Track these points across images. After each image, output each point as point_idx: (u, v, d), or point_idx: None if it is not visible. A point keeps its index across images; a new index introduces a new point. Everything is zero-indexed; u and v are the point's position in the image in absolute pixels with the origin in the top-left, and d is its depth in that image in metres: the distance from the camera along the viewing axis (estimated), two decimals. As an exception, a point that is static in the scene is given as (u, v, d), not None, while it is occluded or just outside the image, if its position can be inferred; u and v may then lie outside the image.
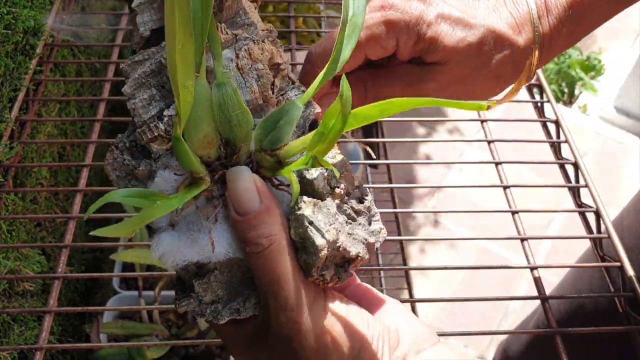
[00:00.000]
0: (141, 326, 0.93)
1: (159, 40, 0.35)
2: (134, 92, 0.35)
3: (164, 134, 0.34)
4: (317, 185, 0.35)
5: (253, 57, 0.35)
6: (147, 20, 0.35)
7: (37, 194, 0.79)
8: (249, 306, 0.35)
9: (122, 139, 0.37)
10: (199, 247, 0.34)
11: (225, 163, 0.34)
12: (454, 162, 0.72)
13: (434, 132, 2.11)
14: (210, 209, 0.34)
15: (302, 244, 0.34)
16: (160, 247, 0.34)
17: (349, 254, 0.34)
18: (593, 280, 0.79)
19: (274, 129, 0.34)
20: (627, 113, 2.25)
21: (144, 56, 0.35)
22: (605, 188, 1.97)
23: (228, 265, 0.35)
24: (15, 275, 0.68)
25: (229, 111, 0.33)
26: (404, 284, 1.20)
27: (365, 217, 0.37)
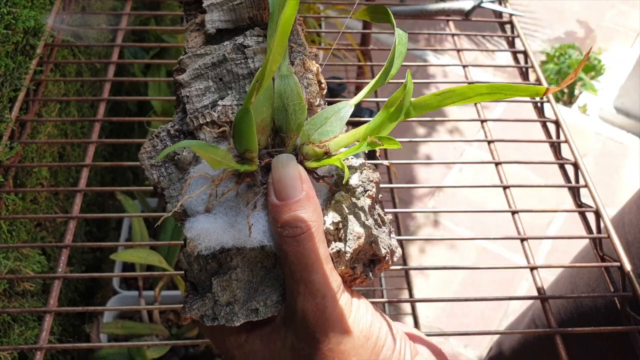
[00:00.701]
0: (141, 326, 0.93)
1: (221, 39, 0.38)
2: (191, 81, 0.37)
3: (216, 120, 0.36)
4: (354, 184, 0.36)
5: (305, 67, 0.38)
6: (215, 19, 0.38)
7: (37, 194, 0.79)
8: (271, 304, 0.35)
9: (165, 129, 0.38)
10: (235, 232, 0.34)
11: (272, 152, 0.36)
12: (454, 162, 0.72)
13: (434, 132, 2.11)
14: (250, 195, 0.35)
15: (337, 234, 0.34)
16: (196, 227, 0.34)
17: (379, 252, 0.35)
18: (591, 276, 0.79)
19: (325, 124, 0.36)
20: (627, 113, 2.25)
21: (206, 51, 0.38)
22: (605, 188, 1.97)
23: (251, 263, 0.35)
24: (15, 275, 0.68)
25: (288, 100, 0.35)
26: (404, 284, 1.20)
27: (387, 229, 0.38)
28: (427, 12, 0.88)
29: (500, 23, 0.92)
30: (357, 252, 0.35)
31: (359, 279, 0.36)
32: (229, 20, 0.38)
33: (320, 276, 0.33)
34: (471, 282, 1.71)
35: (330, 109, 0.37)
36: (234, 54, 0.37)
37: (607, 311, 0.73)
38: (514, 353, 1.03)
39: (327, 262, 0.34)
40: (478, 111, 0.77)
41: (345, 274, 0.35)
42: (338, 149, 0.36)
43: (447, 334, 0.62)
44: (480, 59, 2.36)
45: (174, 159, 0.37)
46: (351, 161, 0.38)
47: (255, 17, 0.38)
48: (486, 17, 0.93)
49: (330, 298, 0.33)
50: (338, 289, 0.34)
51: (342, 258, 0.34)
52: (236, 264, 0.35)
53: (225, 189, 0.35)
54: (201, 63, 0.37)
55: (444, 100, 0.33)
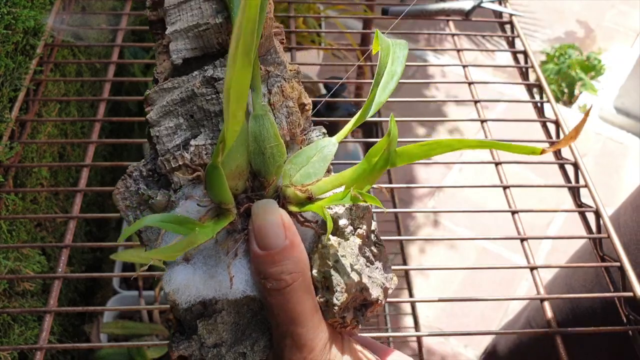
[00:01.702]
0: (141, 326, 0.93)
1: (189, 70, 0.35)
2: (160, 119, 0.34)
3: (189, 163, 0.34)
4: (342, 224, 0.34)
5: (285, 94, 0.35)
6: (180, 48, 0.35)
7: (37, 194, 0.79)
8: (258, 350, 0.33)
9: (137, 168, 0.35)
10: (216, 283, 0.32)
11: (251, 196, 0.33)
12: (454, 162, 0.72)
13: (434, 132, 2.11)
14: (230, 243, 0.33)
15: (324, 283, 0.33)
16: (175, 280, 0.32)
17: (370, 297, 0.34)
18: (587, 276, 0.79)
19: (307, 164, 0.34)
20: (627, 113, 2.25)
21: (174, 84, 0.35)
22: (605, 188, 1.97)
23: (237, 306, 0.34)
24: (15, 275, 0.68)
25: (264, 143, 0.33)
26: (404, 284, 1.20)
27: (381, 263, 0.36)
28: (427, 12, 0.88)
29: (500, 23, 0.92)
30: (345, 303, 0.33)
31: (350, 326, 0.34)
32: (196, 47, 0.35)
33: (307, 330, 0.31)
34: (471, 282, 1.71)
35: (313, 147, 0.34)
36: (203, 89, 0.34)
37: (604, 312, 0.73)
38: (509, 353, 1.03)
39: (314, 314, 0.32)
40: (478, 111, 0.77)
41: (334, 323, 0.34)
42: (321, 194, 0.33)
43: (447, 334, 0.62)
44: (480, 59, 2.36)
45: (149, 203, 0.35)
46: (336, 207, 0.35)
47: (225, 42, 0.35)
48: (486, 17, 0.93)
49: (318, 352, 0.32)
50: (326, 342, 0.32)
51: (330, 309, 0.33)
52: (221, 307, 0.33)
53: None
54: (169, 99, 0.34)
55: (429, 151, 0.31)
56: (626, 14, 2.73)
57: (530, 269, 0.62)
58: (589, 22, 2.70)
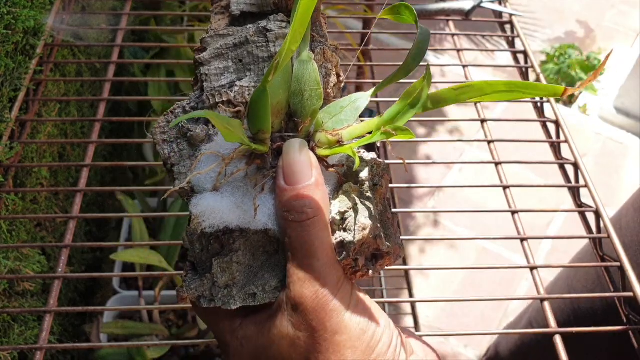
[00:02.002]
0: (141, 326, 0.93)
1: (244, 23, 0.38)
2: (211, 59, 0.38)
3: (232, 99, 0.36)
4: (363, 177, 0.36)
5: (326, 57, 0.38)
6: (241, 2, 0.39)
7: (37, 194, 0.79)
8: (269, 290, 0.35)
9: (180, 105, 0.38)
10: (241, 212, 0.34)
11: (284, 136, 0.35)
12: (454, 162, 0.72)
13: (434, 132, 2.11)
14: (259, 177, 0.35)
15: (341, 224, 0.34)
16: (201, 204, 0.34)
17: (383, 246, 0.35)
18: (588, 278, 0.79)
19: (340, 112, 0.36)
20: (627, 113, 2.25)
21: (228, 32, 0.38)
22: (605, 188, 1.97)
23: (253, 247, 0.35)
24: (15, 275, 0.68)
25: (305, 85, 0.35)
26: (404, 284, 1.20)
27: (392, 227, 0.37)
28: (427, 12, 0.88)
29: (500, 23, 0.92)
30: (361, 243, 0.34)
31: (360, 272, 0.35)
32: (254, 4, 0.39)
33: (322, 264, 0.33)
34: (471, 282, 1.71)
35: (347, 99, 0.37)
36: (256, 37, 0.37)
37: (604, 313, 0.73)
38: (511, 355, 1.03)
39: (330, 250, 0.33)
40: (478, 111, 0.77)
41: (347, 266, 0.35)
42: (351, 139, 0.36)
43: (447, 334, 0.62)
44: (480, 59, 2.36)
45: (187, 136, 0.37)
46: (362, 154, 0.38)
47: (280, 3, 0.39)
48: (486, 17, 0.93)
49: (330, 287, 0.33)
50: (339, 279, 0.34)
51: (345, 248, 0.34)
52: (238, 247, 0.35)
53: (234, 169, 0.35)
54: (223, 43, 0.38)
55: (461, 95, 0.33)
56: (626, 14, 2.73)
57: (530, 269, 0.62)
58: (589, 22, 2.70)
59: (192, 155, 0.37)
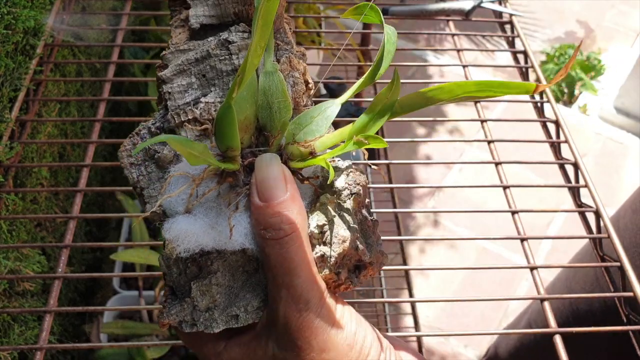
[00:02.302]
0: (141, 326, 0.93)
1: (205, 35, 0.37)
2: (173, 77, 0.36)
3: (198, 117, 0.35)
4: (340, 186, 0.35)
5: (292, 65, 0.37)
6: (199, 14, 0.37)
7: (37, 194, 0.79)
8: (251, 311, 0.34)
9: (146, 126, 0.37)
10: (216, 233, 0.33)
11: (255, 151, 0.35)
12: (454, 162, 0.72)
13: (434, 132, 2.11)
14: (232, 196, 0.34)
15: (321, 238, 0.33)
16: (175, 228, 0.33)
17: (365, 257, 0.34)
18: (586, 279, 0.79)
19: (310, 123, 0.35)
20: (627, 113, 2.25)
21: (189, 46, 0.37)
22: (605, 188, 1.97)
23: (232, 268, 0.34)
24: (15, 275, 0.68)
25: (272, 97, 0.34)
26: (404, 284, 1.20)
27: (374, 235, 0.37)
28: (427, 12, 0.88)
29: (500, 23, 0.92)
30: (341, 256, 0.33)
31: (344, 285, 0.34)
32: (214, 15, 0.37)
33: (303, 281, 0.32)
34: (471, 282, 1.71)
35: (317, 108, 0.36)
36: (217, 50, 0.36)
37: (603, 314, 0.73)
38: (510, 356, 1.03)
39: (310, 267, 0.32)
40: (478, 111, 0.77)
41: (329, 279, 0.34)
42: (324, 149, 0.35)
43: (447, 334, 0.62)
44: (480, 59, 2.36)
45: (154, 157, 0.36)
46: (337, 163, 0.37)
47: (241, 12, 0.37)
48: (486, 17, 0.93)
49: (314, 304, 0.32)
50: (322, 294, 0.33)
51: (326, 262, 0.33)
52: (217, 268, 0.34)
53: (206, 188, 0.33)
54: (184, 59, 0.37)
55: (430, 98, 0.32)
56: (626, 14, 2.73)
57: (530, 269, 0.62)
58: (589, 22, 2.70)
59: (162, 178, 0.36)
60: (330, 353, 0.32)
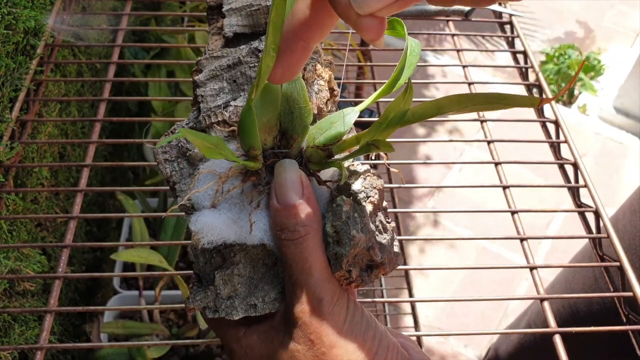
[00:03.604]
0: (142, 326, 0.93)
1: (237, 44, 0.40)
2: (207, 81, 0.39)
3: (227, 119, 0.38)
4: (356, 189, 0.37)
5: (317, 73, 0.40)
6: (233, 23, 0.40)
7: (37, 194, 0.79)
8: (268, 301, 0.36)
9: (180, 125, 0.39)
10: (238, 228, 0.35)
11: (277, 153, 0.37)
12: (454, 162, 0.72)
13: (433, 132, 2.11)
14: (255, 194, 0.36)
15: (336, 237, 0.35)
16: (200, 221, 0.35)
17: (376, 257, 0.36)
18: (586, 281, 0.79)
19: (330, 128, 0.37)
20: (626, 113, 2.25)
21: (223, 53, 0.40)
22: (604, 188, 1.97)
23: (253, 260, 0.36)
24: (16, 275, 0.68)
25: (294, 103, 0.36)
26: (404, 284, 1.20)
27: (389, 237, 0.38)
28: (427, 12, 0.88)
29: (499, 23, 0.92)
30: (353, 255, 0.35)
31: (355, 282, 0.36)
32: (247, 25, 0.40)
33: (317, 280, 0.34)
34: (471, 282, 1.71)
35: (337, 114, 0.38)
36: (248, 57, 0.39)
37: (602, 315, 0.73)
38: (510, 358, 1.03)
39: (324, 266, 0.34)
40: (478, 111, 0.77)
41: (341, 277, 0.36)
42: (340, 153, 0.37)
43: (447, 334, 0.62)
44: (480, 59, 2.36)
45: (186, 155, 0.38)
46: (356, 167, 0.39)
47: None
48: (486, 17, 0.93)
49: (326, 302, 0.34)
50: (334, 293, 0.35)
51: (338, 261, 0.35)
52: (239, 260, 0.36)
53: (231, 186, 0.36)
54: (217, 65, 0.39)
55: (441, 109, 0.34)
56: (626, 14, 2.73)
57: (530, 269, 0.62)
58: (589, 23, 2.70)
59: (192, 174, 0.38)
60: (340, 349, 0.34)
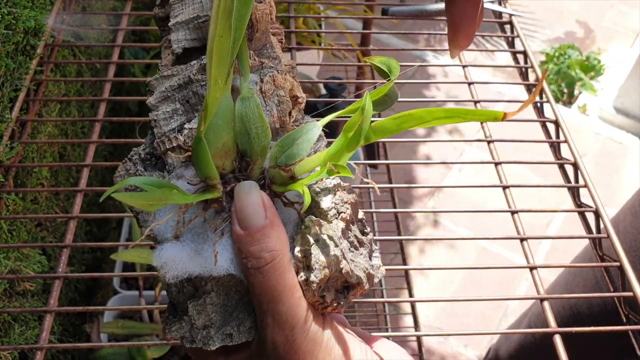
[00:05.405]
0: (141, 326, 0.93)
1: (189, 59, 0.37)
2: (158, 104, 0.36)
3: (182, 144, 0.35)
4: (326, 207, 0.35)
5: (276, 84, 0.37)
6: (181, 38, 0.37)
7: (37, 194, 0.79)
8: (244, 330, 0.34)
9: (137, 152, 0.37)
10: (202, 259, 0.34)
11: (238, 176, 0.35)
12: (454, 162, 0.72)
13: (433, 132, 2.11)
14: (218, 222, 0.34)
15: (305, 262, 0.33)
16: (163, 255, 0.34)
17: (351, 279, 0.34)
18: (586, 283, 0.79)
19: (292, 146, 0.35)
20: (626, 113, 2.25)
21: (173, 72, 0.37)
22: (604, 188, 1.97)
23: (225, 287, 0.35)
24: (16, 275, 0.68)
25: (249, 123, 0.34)
26: (404, 284, 1.20)
27: (366, 250, 0.37)
28: (427, 12, 0.88)
29: (499, 23, 0.92)
30: (324, 281, 0.34)
31: (330, 307, 0.35)
32: (196, 38, 0.37)
33: (288, 307, 0.32)
34: (471, 282, 1.71)
35: (299, 130, 0.35)
36: (199, 75, 0.36)
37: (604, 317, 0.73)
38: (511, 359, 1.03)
39: (294, 292, 0.33)
40: (478, 111, 0.77)
41: (315, 302, 0.34)
42: (303, 173, 0.35)
43: (447, 334, 0.62)
44: (479, 59, 2.36)
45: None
46: (325, 182, 0.37)
47: None
48: (486, 17, 0.93)
49: (299, 329, 0.33)
50: (307, 319, 0.33)
51: (310, 287, 0.33)
52: (210, 288, 0.34)
53: (192, 215, 0.34)
54: (168, 85, 0.36)
55: (402, 124, 0.33)
56: (626, 14, 2.73)
57: (530, 269, 0.62)
58: (589, 23, 2.70)
59: None
60: None
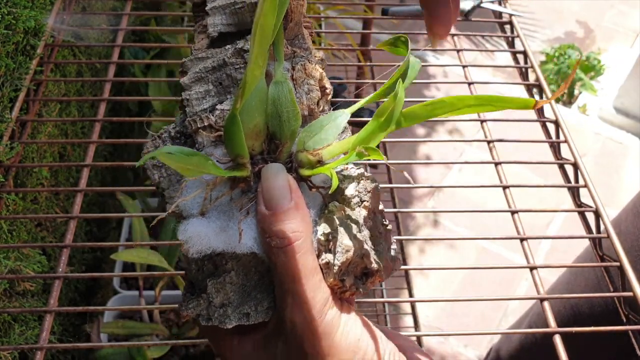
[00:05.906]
0: (142, 326, 0.93)
1: (223, 43, 0.38)
2: (192, 84, 0.38)
3: (213, 124, 0.36)
4: (350, 194, 0.36)
5: (307, 73, 0.38)
6: (217, 23, 0.38)
7: (37, 194, 0.79)
8: (261, 310, 0.35)
9: (167, 130, 0.38)
10: (226, 236, 0.34)
11: (266, 158, 0.36)
12: (454, 162, 0.72)
13: (433, 132, 2.12)
14: (244, 201, 0.35)
15: (327, 245, 0.34)
16: (189, 230, 0.34)
17: (370, 265, 0.35)
18: (587, 283, 0.79)
19: (320, 131, 0.36)
20: (626, 113, 2.25)
21: (207, 54, 0.38)
22: (604, 188, 1.97)
23: (245, 268, 0.35)
24: (16, 275, 0.68)
25: (281, 107, 0.35)
26: (404, 284, 1.20)
27: (386, 243, 0.37)
28: (427, 13, 0.88)
29: (499, 23, 0.92)
30: (345, 264, 0.34)
31: (349, 291, 0.35)
32: (232, 23, 0.38)
33: (308, 288, 0.33)
34: (471, 282, 1.71)
35: (327, 117, 0.37)
36: (233, 59, 0.37)
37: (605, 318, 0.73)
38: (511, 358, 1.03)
39: (315, 274, 0.33)
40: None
41: (334, 286, 0.35)
42: (331, 158, 0.35)
43: (447, 334, 0.62)
44: (480, 59, 2.36)
45: None
46: (350, 171, 0.37)
47: None
48: (486, 17, 0.93)
49: (317, 311, 0.33)
50: (326, 301, 0.34)
51: (330, 270, 0.34)
52: (231, 267, 0.35)
53: (219, 193, 0.34)
54: (202, 66, 0.37)
55: (433, 111, 0.33)
56: (626, 14, 2.73)
57: (530, 269, 0.62)
58: (589, 23, 2.70)
59: (181, 179, 0.37)
60: (334, 358, 0.33)
